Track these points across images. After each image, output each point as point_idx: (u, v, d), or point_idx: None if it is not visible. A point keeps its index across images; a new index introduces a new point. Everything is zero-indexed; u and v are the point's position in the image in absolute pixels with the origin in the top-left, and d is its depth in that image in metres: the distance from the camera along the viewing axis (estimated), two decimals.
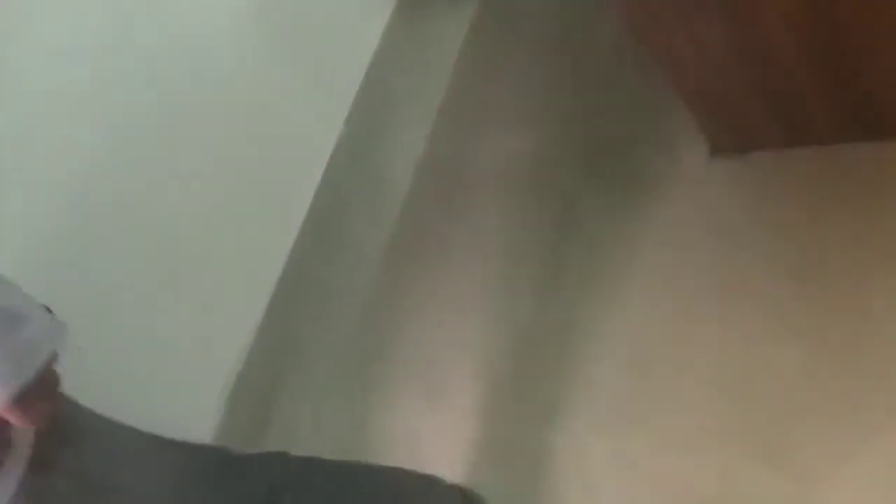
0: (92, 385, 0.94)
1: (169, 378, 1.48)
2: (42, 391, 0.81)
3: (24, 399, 0.79)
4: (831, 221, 1.31)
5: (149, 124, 1.64)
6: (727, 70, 1.28)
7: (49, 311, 0.86)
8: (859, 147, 1.31)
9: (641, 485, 1.29)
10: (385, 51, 2.12)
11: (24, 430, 0.83)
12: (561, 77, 1.81)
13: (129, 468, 0.93)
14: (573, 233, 1.61)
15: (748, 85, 1.29)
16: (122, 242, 1.60)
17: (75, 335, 1.04)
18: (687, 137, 1.50)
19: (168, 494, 0.94)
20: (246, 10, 1.84)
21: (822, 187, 1.34)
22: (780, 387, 1.24)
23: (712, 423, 1.27)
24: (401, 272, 1.83)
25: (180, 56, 1.70)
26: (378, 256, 1.87)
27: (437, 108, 2.00)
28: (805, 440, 1.18)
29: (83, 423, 0.92)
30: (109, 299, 1.55)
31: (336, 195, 2.00)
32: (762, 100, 1.31)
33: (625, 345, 1.42)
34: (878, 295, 1.22)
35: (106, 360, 1.21)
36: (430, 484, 1.12)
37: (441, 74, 2.05)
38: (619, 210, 1.57)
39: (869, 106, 1.25)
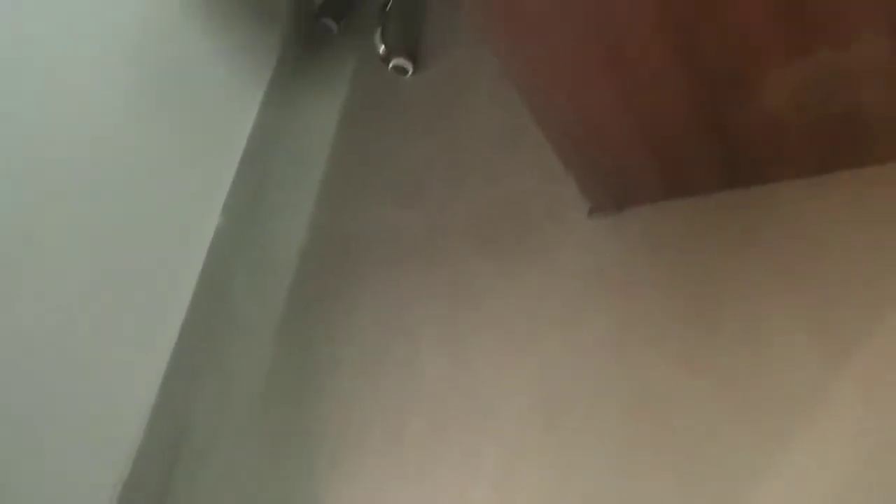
0: None
1: (51, 484, 1.33)
2: None
3: None
4: (710, 264, 1.39)
5: (14, 214, 1.53)
6: (605, 129, 1.35)
7: None
8: (731, 194, 1.41)
9: None
10: (259, 137, 2.11)
11: None
12: (443, 150, 1.86)
13: None
14: (465, 299, 1.62)
15: (627, 143, 1.37)
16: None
17: None
18: (569, 198, 1.57)
19: None
20: (119, 98, 1.78)
21: (701, 233, 1.43)
22: (687, 420, 1.28)
23: (626, 457, 1.29)
24: (293, 354, 1.77)
25: (49, 143, 1.61)
26: (269, 341, 1.81)
27: (316, 191, 2.00)
28: (713, 469, 1.22)
29: None
30: None
31: (219, 281, 1.93)
32: (640, 156, 1.39)
33: (536, 394, 1.43)
34: (761, 325, 1.29)
35: None
36: None
37: (318, 158, 2.06)
38: (509, 273, 1.60)
39: (738, 156, 1.35)
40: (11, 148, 1.56)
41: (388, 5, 2.12)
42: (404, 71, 2.05)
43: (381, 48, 2.07)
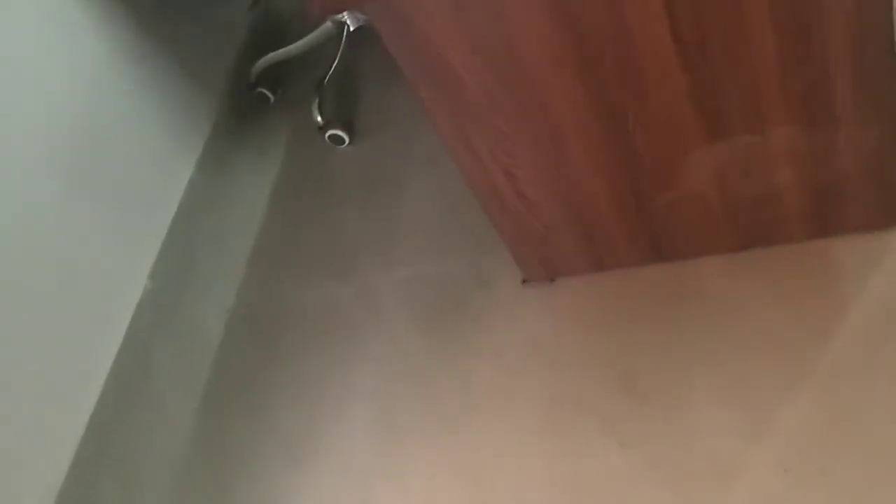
0: None
1: None
2: None
3: None
4: (639, 336, 1.43)
5: None
6: (535, 204, 1.40)
7: None
8: (655, 268, 1.47)
9: None
10: (189, 205, 2.08)
11: None
12: (376, 223, 1.87)
13: None
14: (400, 371, 1.62)
15: (558, 217, 1.41)
16: None
17: None
18: (502, 269, 1.61)
19: None
20: (40, 164, 1.75)
21: (627, 306, 1.47)
22: (616, 491, 1.29)
23: None
24: (217, 428, 1.73)
25: None
26: (190, 414, 1.76)
27: (245, 260, 1.99)
28: None
29: None
30: None
31: (140, 353, 1.87)
32: (570, 229, 1.44)
33: (465, 472, 1.42)
34: (685, 397, 1.33)
35: None
36: None
37: (249, 227, 2.05)
38: (441, 347, 1.61)
39: (660, 232, 1.41)
40: None
41: (326, 78, 2.16)
42: (341, 141, 2.08)
43: (319, 118, 2.10)
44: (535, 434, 1.41)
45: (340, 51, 2.18)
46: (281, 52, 2.23)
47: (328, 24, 2.16)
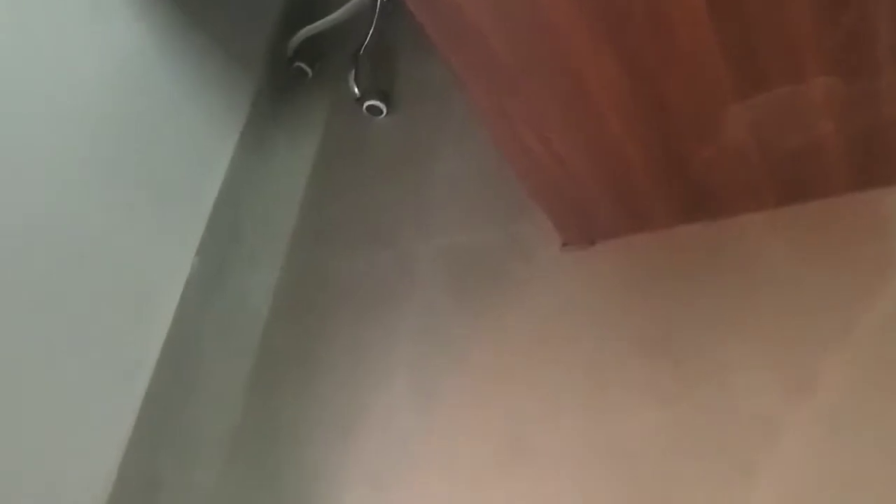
0: None
1: None
2: None
3: None
4: (677, 297, 1.41)
5: None
6: (573, 167, 1.38)
7: None
8: (694, 228, 1.44)
9: None
10: (232, 183, 2.12)
11: None
12: (415, 193, 1.88)
13: None
14: (440, 339, 1.63)
15: (594, 179, 1.40)
16: None
17: None
18: (540, 237, 1.60)
19: None
20: (86, 146, 1.79)
21: (666, 267, 1.46)
22: (653, 453, 1.29)
23: (593, 498, 1.30)
24: (266, 400, 1.77)
25: (16, 188, 1.61)
26: (241, 387, 1.81)
27: (289, 234, 2.02)
28: (682, 499, 1.23)
29: None
30: None
31: (191, 329, 1.93)
32: (607, 191, 1.42)
33: (509, 434, 1.44)
34: (728, 358, 1.31)
35: None
36: None
37: (290, 202, 2.08)
38: (481, 315, 1.61)
39: (698, 190, 1.38)
40: None
41: (362, 49, 2.16)
42: (379, 111, 2.09)
43: (356, 90, 2.11)
44: (573, 398, 1.41)
45: (375, 21, 2.18)
46: (317, 25, 2.23)
47: None
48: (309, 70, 2.30)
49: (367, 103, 2.08)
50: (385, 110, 2.08)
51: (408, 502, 1.47)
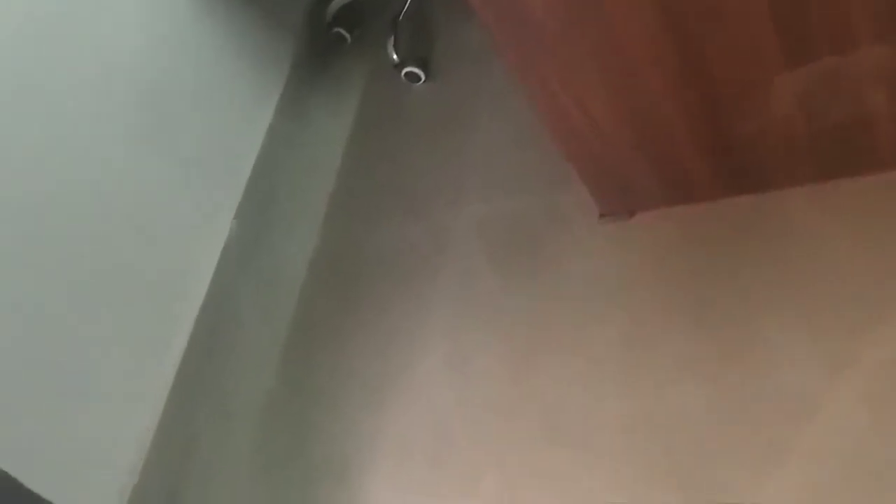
0: None
1: (61, 496, 1.35)
2: None
3: None
4: (716, 271, 1.39)
5: (23, 222, 1.55)
6: (613, 136, 1.36)
7: None
8: (736, 201, 1.41)
9: None
10: (270, 149, 2.13)
11: None
12: (452, 161, 1.87)
13: None
14: (474, 309, 1.63)
15: (634, 149, 1.37)
16: (3, 356, 1.49)
17: None
18: (577, 206, 1.58)
19: None
20: (128, 112, 1.81)
21: (706, 240, 1.43)
22: (689, 428, 1.28)
23: (631, 470, 1.29)
24: (300, 364, 1.79)
25: (61, 154, 1.64)
26: (276, 350, 1.83)
27: (326, 202, 2.02)
28: (720, 472, 1.22)
29: None
30: None
31: (227, 293, 1.95)
32: (647, 163, 1.40)
33: (540, 407, 1.43)
34: (767, 333, 1.29)
35: None
36: None
37: (329, 167, 2.08)
38: (519, 282, 1.61)
39: (741, 162, 1.36)
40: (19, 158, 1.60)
41: (401, 16, 2.15)
42: (417, 78, 2.07)
43: (395, 56, 2.10)
44: (609, 370, 1.40)
45: None
46: None
47: None
48: (348, 36, 2.29)
49: (405, 70, 2.07)
50: (423, 77, 2.07)
51: (439, 474, 1.48)
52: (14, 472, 1.00)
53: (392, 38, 2.12)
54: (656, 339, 1.39)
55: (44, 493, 1.01)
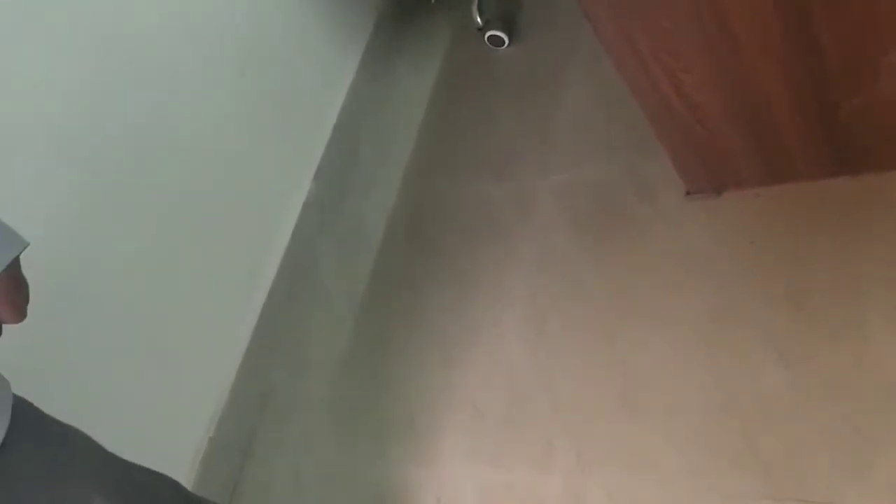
0: None
1: (139, 444, 1.40)
2: (17, 282, 0.90)
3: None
4: (813, 253, 1.34)
5: (118, 180, 1.59)
6: (707, 109, 1.30)
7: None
8: (838, 182, 1.34)
9: None
10: (351, 108, 2.13)
11: None
12: (535, 125, 1.83)
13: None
14: (554, 277, 1.60)
15: (728, 125, 1.32)
16: (87, 303, 1.53)
17: (49, 397, 1.00)
18: (664, 179, 1.53)
19: None
20: (215, 72, 1.82)
21: (802, 221, 1.37)
22: (772, 415, 1.24)
23: (711, 452, 1.26)
24: (376, 321, 1.80)
25: (151, 114, 1.66)
26: (353, 307, 1.84)
27: (406, 160, 2.01)
28: (805, 462, 1.18)
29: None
30: (77, 363, 1.48)
31: (307, 250, 1.97)
32: (741, 139, 1.34)
33: (619, 379, 1.41)
34: (866, 320, 1.23)
35: (75, 424, 1.15)
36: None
37: (408, 128, 2.06)
38: (599, 253, 1.57)
39: (845, 142, 1.28)
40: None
41: None
42: (500, 42, 2.02)
43: (479, 19, 2.05)
44: (692, 349, 1.36)
45: None
46: None
47: None
48: None
49: (489, 33, 2.02)
50: (507, 41, 2.02)
51: (510, 441, 1.48)
52: (91, 421, 1.05)
53: (476, 0, 2.07)
54: (746, 317, 1.34)
55: (121, 445, 1.05)
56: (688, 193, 1.51)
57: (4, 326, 0.93)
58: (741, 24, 1.13)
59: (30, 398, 0.98)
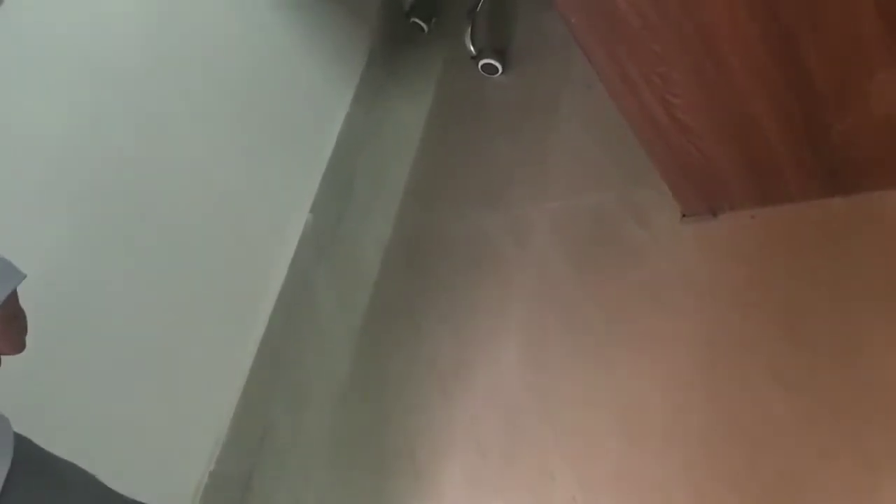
0: None
1: (140, 479, 1.39)
2: (15, 316, 0.91)
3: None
4: (808, 273, 1.34)
5: (115, 213, 1.60)
6: (700, 133, 1.31)
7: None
8: (831, 202, 1.35)
9: None
10: (347, 140, 2.14)
11: None
12: (529, 153, 1.84)
13: None
14: (551, 305, 1.60)
15: (720, 147, 1.33)
16: (87, 337, 1.53)
17: (50, 430, 1.00)
18: (660, 203, 1.54)
19: None
20: (212, 106, 1.83)
21: (797, 241, 1.38)
22: (773, 441, 1.23)
23: (711, 476, 1.25)
24: (375, 354, 1.79)
25: (148, 148, 1.67)
26: (351, 340, 1.84)
27: (401, 191, 2.02)
28: (807, 485, 1.17)
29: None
30: (77, 397, 1.47)
31: (304, 282, 1.97)
32: (734, 161, 1.35)
33: (619, 407, 1.40)
34: (864, 340, 1.23)
35: (75, 457, 1.14)
36: None
37: (404, 159, 2.07)
38: (597, 279, 1.57)
39: (838, 163, 1.29)
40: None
41: (478, 7, 2.12)
42: (494, 70, 2.05)
43: (472, 48, 2.07)
44: (691, 375, 1.36)
45: None
46: None
47: None
48: (425, 26, 2.28)
49: (482, 62, 2.04)
50: (501, 69, 2.04)
51: (511, 470, 1.47)
52: (92, 455, 1.05)
53: (469, 29, 2.09)
54: (743, 342, 1.34)
55: (121, 478, 1.05)
56: (684, 216, 1.51)
57: (4, 358, 0.93)
58: (728, 47, 1.14)
59: (29, 432, 0.97)
